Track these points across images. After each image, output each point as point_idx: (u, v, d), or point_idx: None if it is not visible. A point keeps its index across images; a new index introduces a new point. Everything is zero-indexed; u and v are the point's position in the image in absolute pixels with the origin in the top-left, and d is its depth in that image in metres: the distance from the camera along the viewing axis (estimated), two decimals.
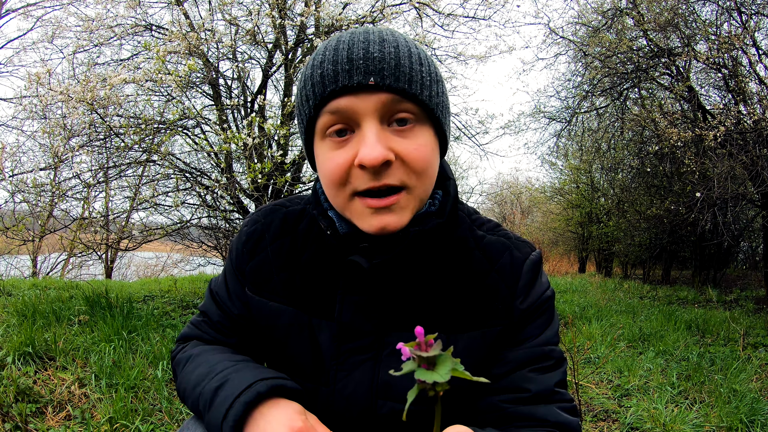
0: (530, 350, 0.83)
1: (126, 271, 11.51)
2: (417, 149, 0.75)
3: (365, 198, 0.75)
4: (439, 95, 0.78)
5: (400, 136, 0.75)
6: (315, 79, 0.74)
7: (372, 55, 0.72)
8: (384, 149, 0.72)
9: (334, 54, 0.73)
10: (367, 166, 0.71)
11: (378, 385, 0.82)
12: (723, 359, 3.87)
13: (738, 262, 11.77)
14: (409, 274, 0.83)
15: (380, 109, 0.73)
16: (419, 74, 0.74)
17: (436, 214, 0.83)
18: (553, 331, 0.86)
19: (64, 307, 3.77)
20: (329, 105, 0.74)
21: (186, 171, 4.66)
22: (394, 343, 0.82)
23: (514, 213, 21.08)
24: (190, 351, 0.91)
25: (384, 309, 0.83)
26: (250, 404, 0.71)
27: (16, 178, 4.58)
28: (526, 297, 0.84)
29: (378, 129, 0.73)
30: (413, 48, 0.76)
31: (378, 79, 0.71)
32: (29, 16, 7.06)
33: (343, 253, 0.82)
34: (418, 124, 0.76)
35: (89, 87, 3.71)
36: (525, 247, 0.88)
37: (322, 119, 0.76)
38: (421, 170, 0.76)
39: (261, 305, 0.89)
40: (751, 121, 5.95)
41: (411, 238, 0.79)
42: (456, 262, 0.86)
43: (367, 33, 0.75)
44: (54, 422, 2.21)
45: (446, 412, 0.84)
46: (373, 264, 0.79)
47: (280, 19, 4.23)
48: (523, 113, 13.65)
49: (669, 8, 6.60)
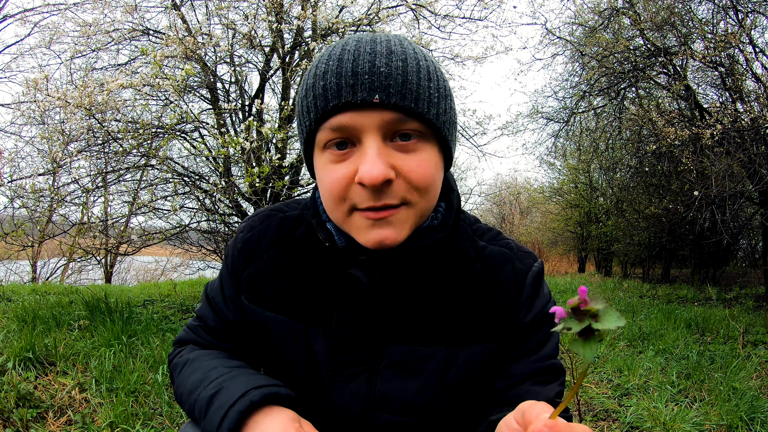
0: (533, 364, 0.82)
1: (125, 276, 11.50)
2: (419, 166, 0.72)
3: (364, 211, 0.73)
4: (447, 112, 0.76)
5: (403, 151, 0.72)
6: (317, 91, 0.71)
7: (378, 70, 0.68)
8: (385, 167, 0.69)
9: (338, 65, 0.70)
10: (367, 185, 0.69)
11: (374, 397, 0.81)
12: (723, 357, 3.88)
13: (737, 259, 11.77)
14: (408, 288, 0.82)
15: (383, 126, 0.70)
16: (427, 91, 0.71)
17: (438, 228, 0.82)
18: (554, 344, 0.86)
19: (64, 312, 3.77)
20: (331, 121, 0.71)
21: (184, 175, 4.66)
22: (392, 355, 0.81)
23: (513, 213, 21.10)
24: (186, 355, 0.91)
25: (382, 321, 0.82)
26: (245, 413, 0.71)
27: (15, 184, 4.59)
28: (529, 310, 0.83)
29: (380, 146, 0.70)
30: (422, 61, 0.73)
31: (383, 96, 0.68)
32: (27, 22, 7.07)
33: (342, 264, 0.81)
34: (422, 140, 0.73)
35: (87, 92, 3.71)
36: (527, 258, 0.87)
37: (323, 133, 0.73)
38: (424, 188, 0.74)
39: (257, 314, 0.88)
40: (748, 119, 5.97)
41: (412, 253, 0.78)
42: (457, 274, 0.84)
43: (374, 43, 0.72)
44: (55, 427, 2.21)
45: (448, 425, 0.84)
46: (372, 280, 0.78)
47: (277, 22, 4.25)
48: (521, 114, 13.64)
49: (665, 7, 6.62)
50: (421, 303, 0.82)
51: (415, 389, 0.81)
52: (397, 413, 0.81)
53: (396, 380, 0.81)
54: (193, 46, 3.83)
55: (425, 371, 0.81)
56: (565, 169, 14.05)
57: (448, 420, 0.83)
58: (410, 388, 0.81)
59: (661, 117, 6.65)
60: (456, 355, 0.81)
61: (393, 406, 0.81)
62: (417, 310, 0.82)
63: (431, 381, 0.81)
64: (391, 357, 0.81)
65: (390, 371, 0.81)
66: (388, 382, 0.81)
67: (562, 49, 9.04)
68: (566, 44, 8.82)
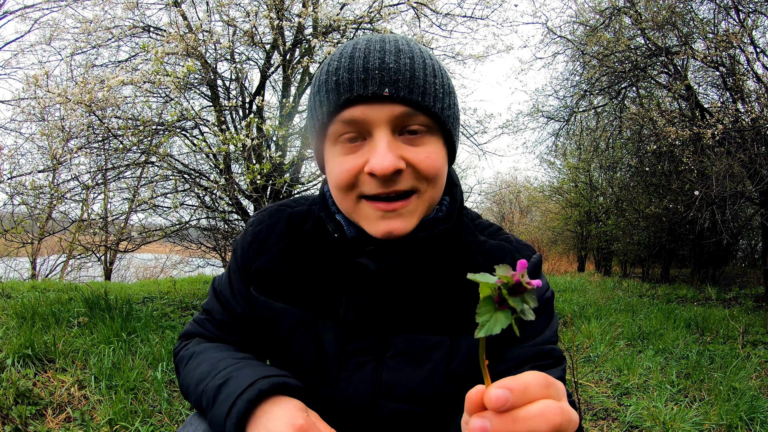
0: (531, 348, 0.84)
1: (125, 273, 11.50)
2: (428, 157, 0.76)
3: (374, 201, 0.76)
4: (450, 107, 0.80)
5: (411, 144, 0.76)
6: (330, 86, 0.75)
7: (388, 66, 0.73)
8: (395, 158, 0.73)
9: (349, 62, 0.74)
10: (378, 175, 0.73)
11: (380, 386, 0.83)
12: (722, 357, 3.88)
13: (737, 259, 11.79)
14: (414, 278, 0.84)
15: (393, 120, 0.74)
16: (433, 86, 0.75)
17: (443, 220, 0.85)
18: (553, 330, 0.88)
19: (64, 309, 3.77)
20: (343, 114, 0.75)
21: (185, 172, 4.65)
22: (398, 344, 0.84)
23: (512, 212, 21.11)
24: (192, 348, 0.92)
25: (388, 311, 0.84)
26: (253, 401, 0.73)
27: (15, 181, 4.58)
28: None
29: (389, 138, 0.74)
30: (428, 59, 0.77)
31: (393, 90, 0.72)
32: (27, 18, 7.05)
33: (350, 255, 0.84)
34: (429, 134, 0.77)
35: (87, 89, 3.70)
36: (525, 251, 0.90)
37: (335, 126, 0.76)
38: (432, 177, 0.77)
39: (266, 305, 0.90)
40: (749, 119, 5.96)
41: (418, 243, 0.80)
42: (459, 267, 0.87)
43: (383, 42, 0.76)
44: (54, 424, 2.21)
45: (452, 413, 0.85)
46: (381, 267, 0.80)
47: (278, 20, 4.23)
48: (522, 113, 13.65)
49: (667, 7, 6.62)
50: (426, 293, 0.85)
51: (421, 378, 0.83)
52: (403, 402, 0.83)
53: (402, 369, 0.83)
54: (193, 43, 3.82)
55: (430, 360, 0.83)
56: (565, 168, 14.06)
57: (452, 408, 0.84)
58: (416, 377, 0.83)
59: (661, 116, 6.64)
60: (459, 344, 0.83)
61: (399, 395, 0.83)
62: (422, 300, 0.85)
63: (436, 370, 0.83)
64: (397, 346, 0.84)
65: (396, 360, 0.83)
66: (393, 371, 0.83)
67: (563, 48, 9.06)
68: (567, 43, 8.82)
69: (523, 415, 0.45)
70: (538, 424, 0.45)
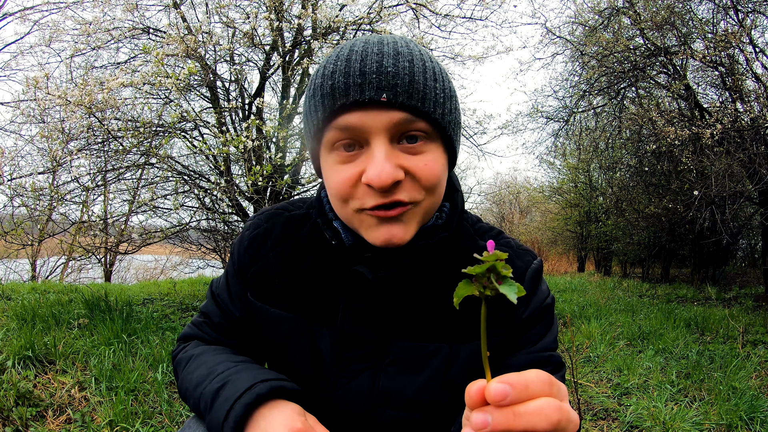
0: (531, 355, 0.83)
1: (125, 275, 11.49)
2: (427, 165, 0.73)
3: (372, 210, 0.73)
4: (452, 112, 0.77)
5: (410, 152, 0.73)
6: (325, 90, 0.71)
7: (386, 70, 0.69)
8: (393, 169, 0.70)
9: (346, 65, 0.70)
10: (376, 187, 0.70)
11: (378, 393, 0.82)
12: (722, 357, 3.88)
13: (737, 259, 11.79)
14: (412, 285, 0.83)
15: (391, 128, 0.71)
16: (433, 91, 0.72)
17: (442, 227, 0.83)
18: (552, 336, 0.87)
19: (64, 310, 3.77)
20: (338, 120, 0.71)
21: (185, 174, 4.66)
22: (396, 351, 0.83)
23: (512, 213, 21.10)
24: (191, 351, 0.91)
25: (386, 318, 0.83)
26: (251, 405, 0.72)
27: (15, 182, 4.58)
28: (527, 306, 0.84)
29: (387, 148, 0.71)
30: (428, 62, 0.74)
31: (391, 95, 0.69)
32: (26, 20, 7.04)
33: (347, 262, 0.82)
34: (429, 140, 0.74)
35: (87, 90, 3.71)
36: (526, 256, 0.88)
37: (331, 133, 0.73)
38: (431, 186, 0.75)
39: (262, 311, 0.89)
40: (748, 119, 5.97)
41: (416, 252, 0.79)
42: (458, 274, 0.86)
43: (382, 44, 0.73)
44: (54, 426, 2.21)
45: (450, 421, 0.84)
46: (378, 277, 0.79)
47: (277, 21, 4.24)
48: (521, 113, 13.66)
49: (665, 7, 6.62)
50: (424, 300, 0.84)
51: (419, 385, 0.82)
52: (400, 409, 0.82)
53: (399, 377, 0.82)
54: (193, 44, 3.82)
55: (428, 368, 0.82)
56: (564, 169, 14.06)
57: (451, 416, 0.84)
58: (414, 385, 0.82)
59: (660, 116, 6.65)
60: (458, 351, 0.82)
61: (396, 402, 0.82)
62: (420, 307, 0.83)
63: (434, 377, 0.82)
64: (395, 354, 0.83)
65: (394, 368, 0.82)
66: (391, 378, 0.82)
67: (562, 49, 9.06)
68: (566, 44, 8.82)
69: (524, 411, 0.45)
70: (537, 420, 0.45)
